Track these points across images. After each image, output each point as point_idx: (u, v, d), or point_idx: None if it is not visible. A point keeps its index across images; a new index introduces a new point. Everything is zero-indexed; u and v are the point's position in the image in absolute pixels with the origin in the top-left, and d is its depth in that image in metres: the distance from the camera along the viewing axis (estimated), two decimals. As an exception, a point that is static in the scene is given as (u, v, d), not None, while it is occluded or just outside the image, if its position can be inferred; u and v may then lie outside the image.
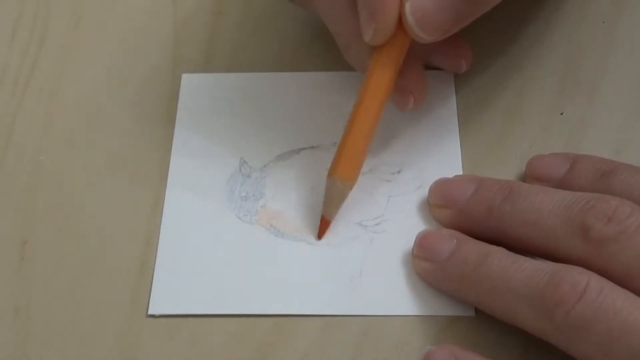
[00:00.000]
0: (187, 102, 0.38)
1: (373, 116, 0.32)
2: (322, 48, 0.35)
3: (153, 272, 0.33)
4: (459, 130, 0.36)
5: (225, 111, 0.37)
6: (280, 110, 0.37)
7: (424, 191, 0.34)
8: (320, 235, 0.34)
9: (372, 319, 0.31)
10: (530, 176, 0.34)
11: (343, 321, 0.31)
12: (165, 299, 0.32)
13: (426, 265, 0.32)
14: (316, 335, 0.31)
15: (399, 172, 0.35)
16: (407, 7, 0.30)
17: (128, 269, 0.33)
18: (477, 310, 0.31)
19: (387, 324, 0.31)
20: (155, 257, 0.33)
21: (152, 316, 0.32)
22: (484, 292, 0.29)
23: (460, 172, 0.35)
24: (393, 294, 0.32)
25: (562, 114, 0.36)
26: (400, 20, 0.31)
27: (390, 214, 0.34)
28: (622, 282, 0.28)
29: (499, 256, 0.29)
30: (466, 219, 0.32)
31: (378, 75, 0.32)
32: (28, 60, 0.40)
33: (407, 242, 0.33)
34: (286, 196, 0.35)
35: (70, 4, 0.42)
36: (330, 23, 0.34)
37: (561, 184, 0.32)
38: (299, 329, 0.31)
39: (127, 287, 0.33)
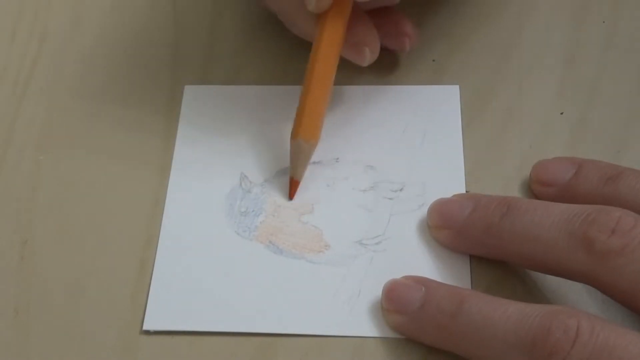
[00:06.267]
0: (189, 114, 0.37)
1: (327, 77, 0.33)
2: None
3: (151, 278, 0.33)
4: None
5: (228, 124, 0.37)
6: (282, 125, 0.36)
7: (426, 210, 0.33)
8: (291, 195, 0.34)
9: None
10: (536, 181, 0.33)
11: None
12: (160, 314, 0.32)
13: (398, 318, 0.30)
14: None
15: (401, 189, 0.34)
16: None
17: (128, 268, 0.33)
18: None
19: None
20: (154, 265, 0.33)
21: (147, 332, 0.32)
22: (467, 341, 0.28)
23: (463, 191, 0.34)
24: None
25: (562, 113, 0.36)
26: None
27: (391, 233, 0.33)
28: (628, 296, 0.27)
29: (476, 302, 0.28)
30: (465, 239, 0.32)
31: (327, 38, 0.33)
32: (28, 60, 0.40)
33: (408, 262, 0.32)
34: (286, 212, 0.34)
35: (70, 5, 0.42)
36: (273, 3, 0.35)
37: (566, 188, 0.32)
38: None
39: (126, 286, 0.33)
